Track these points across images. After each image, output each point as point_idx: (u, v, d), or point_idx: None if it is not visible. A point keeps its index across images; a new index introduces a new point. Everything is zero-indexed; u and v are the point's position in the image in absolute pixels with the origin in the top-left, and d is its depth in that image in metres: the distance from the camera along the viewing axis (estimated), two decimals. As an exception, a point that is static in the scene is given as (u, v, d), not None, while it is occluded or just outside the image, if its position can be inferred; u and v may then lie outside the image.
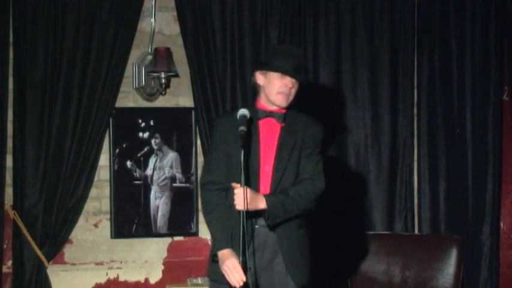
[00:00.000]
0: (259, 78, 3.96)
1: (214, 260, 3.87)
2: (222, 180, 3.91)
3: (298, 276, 3.91)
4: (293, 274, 3.89)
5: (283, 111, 3.95)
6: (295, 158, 3.91)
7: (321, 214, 5.82)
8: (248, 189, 3.72)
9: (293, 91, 3.92)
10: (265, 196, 3.80)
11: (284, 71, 3.87)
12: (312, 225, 4.06)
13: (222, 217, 3.87)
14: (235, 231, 3.78)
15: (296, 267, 3.90)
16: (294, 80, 3.90)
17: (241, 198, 3.68)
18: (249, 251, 3.80)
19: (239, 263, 3.74)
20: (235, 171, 3.84)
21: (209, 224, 3.93)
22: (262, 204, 3.78)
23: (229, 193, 3.87)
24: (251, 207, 3.73)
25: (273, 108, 3.94)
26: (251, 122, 3.90)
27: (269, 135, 3.93)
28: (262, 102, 3.97)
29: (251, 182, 3.86)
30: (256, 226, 3.89)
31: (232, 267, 3.74)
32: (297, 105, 5.77)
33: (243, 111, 3.86)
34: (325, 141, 5.79)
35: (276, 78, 3.89)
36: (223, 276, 3.81)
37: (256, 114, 3.94)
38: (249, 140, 3.87)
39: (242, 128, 3.76)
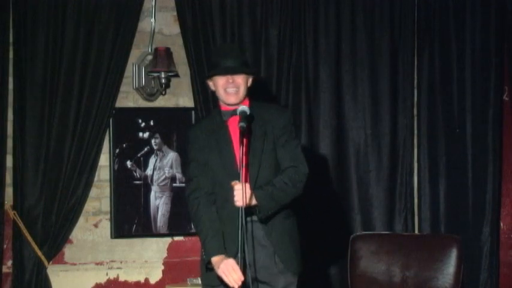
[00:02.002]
0: (210, 85, 4.03)
1: (208, 267, 3.87)
2: (205, 185, 3.93)
3: (292, 264, 3.93)
4: (286, 263, 3.90)
5: (245, 105, 3.94)
6: (269, 148, 3.91)
7: (321, 214, 5.85)
8: (247, 186, 3.75)
9: (240, 85, 3.92)
10: (254, 191, 3.79)
11: (218, 72, 3.94)
12: (311, 224, 4.06)
13: (211, 223, 3.88)
14: (225, 231, 3.84)
15: (288, 256, 3.92)
16: (232, 76, 3.91)
17: (241, 194, 3.69)
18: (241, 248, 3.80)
19: (237, 262, 3.74)
20: (216, 177, 3.89)
21: (200, 233, 3.92)
22: (253, 199, 3.78)
23: (217, 196, 3.90)
24: (247, 204, 3.75)
25: (233, 106, 3.95)
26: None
27: (238, 132, 3.89)
28: (222, 104, 4.01)
29: (231, 181, 3.86)
30: (247, 220, 3.87)
31: (230, 268, 3.74)
32: (297, 103, 5.79)
33: (243, 108, 3.88)
34: (325, 141, 5.85)
35: (218, 80, 3.94)
36: (216, 279, 3.83)
37: (221, 116, 3.98)
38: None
39: (241, 124, 3.77)
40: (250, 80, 4.01)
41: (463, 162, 5.99)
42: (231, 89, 3.92)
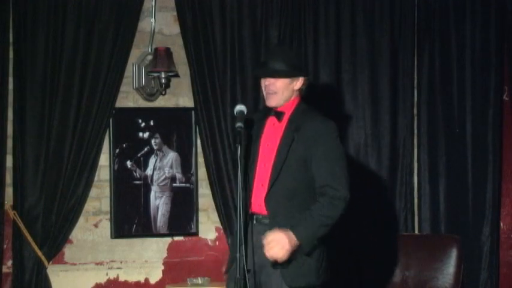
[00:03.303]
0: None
1: None
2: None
3: (291, 277, 3.81)
4: (284, 274, 3.81)
5: (286, 110, 3.91)
6: (296, 154, 3.81)
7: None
8: (282, 234, 3.67)
9: (279, 89, 3.86)
10: (294, 231, 3.69)
11: (256, 73, 4.00)
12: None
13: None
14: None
15: (289, 268, 3.80)
16: (271, 79, 3.87)
17: (279, 245, 3.65)
18: (249, 250, 3.80)
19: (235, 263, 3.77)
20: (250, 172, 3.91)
21: None
22: (295, 241, 3.69)
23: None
24: (293, 247, 3.68)
25: (275, 108, 3.95)
26: (251, 119, 3.93)
27: (272, 133, 3.91)
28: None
29: (248, 178, 3.87)
30: (254, 223, 3.88)
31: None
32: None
33: (240, 107, 3.87)
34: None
35: (262, 80, 3.94)
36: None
37: (268, 112, 3.97)
38: (249, 135, 3.88)
39: (239, 124, 3.78)
40: (298, 83, 3.90)
41: (463, 162, 5.99)
42: (269, 92, 3.89)
